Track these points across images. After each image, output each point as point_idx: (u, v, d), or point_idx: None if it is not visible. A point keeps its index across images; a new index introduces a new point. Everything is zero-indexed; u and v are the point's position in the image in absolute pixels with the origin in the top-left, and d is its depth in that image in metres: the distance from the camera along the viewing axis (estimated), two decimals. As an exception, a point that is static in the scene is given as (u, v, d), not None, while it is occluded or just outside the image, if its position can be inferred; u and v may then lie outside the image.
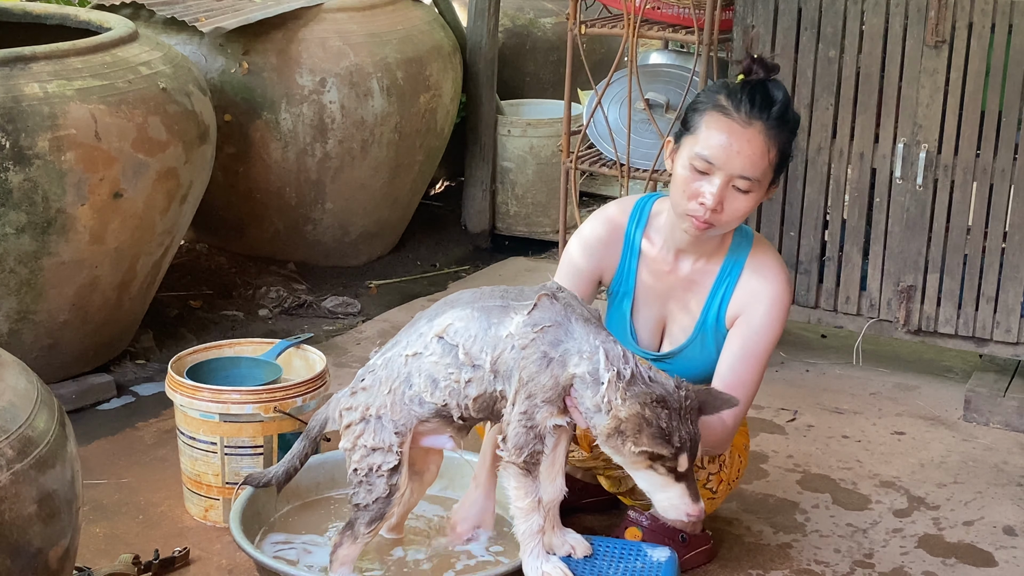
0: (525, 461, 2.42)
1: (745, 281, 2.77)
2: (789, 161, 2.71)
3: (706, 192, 2.61)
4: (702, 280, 2.80)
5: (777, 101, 2.62)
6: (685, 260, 2.81)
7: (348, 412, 2.53)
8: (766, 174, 2.63)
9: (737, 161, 2.59)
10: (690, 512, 2.42)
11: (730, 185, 2.61)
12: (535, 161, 5.16)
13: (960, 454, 3.56)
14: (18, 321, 3.48)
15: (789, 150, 2.68)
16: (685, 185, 2.63)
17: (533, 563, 2.47)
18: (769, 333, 2.76)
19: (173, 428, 3.16)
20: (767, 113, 2.60)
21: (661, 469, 2.37)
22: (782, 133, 2.63)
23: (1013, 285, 3.70)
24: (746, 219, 2.73)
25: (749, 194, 2.62)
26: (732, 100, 2.61)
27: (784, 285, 2.77)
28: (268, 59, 4.42)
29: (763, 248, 2.81)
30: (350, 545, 2.53)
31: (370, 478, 2.49)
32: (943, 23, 3.62)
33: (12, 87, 3.32)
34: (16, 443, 2.00)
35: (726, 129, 2.60)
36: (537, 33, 5.80)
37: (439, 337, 2.46)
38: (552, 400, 2.39)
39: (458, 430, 2.56)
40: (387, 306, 4.56)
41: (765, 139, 2.60)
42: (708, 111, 2.63)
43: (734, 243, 2.80)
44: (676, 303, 2.84)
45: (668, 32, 4.06)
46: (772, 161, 2.63)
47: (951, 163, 3.70)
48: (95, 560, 2.84)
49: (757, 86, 2.63)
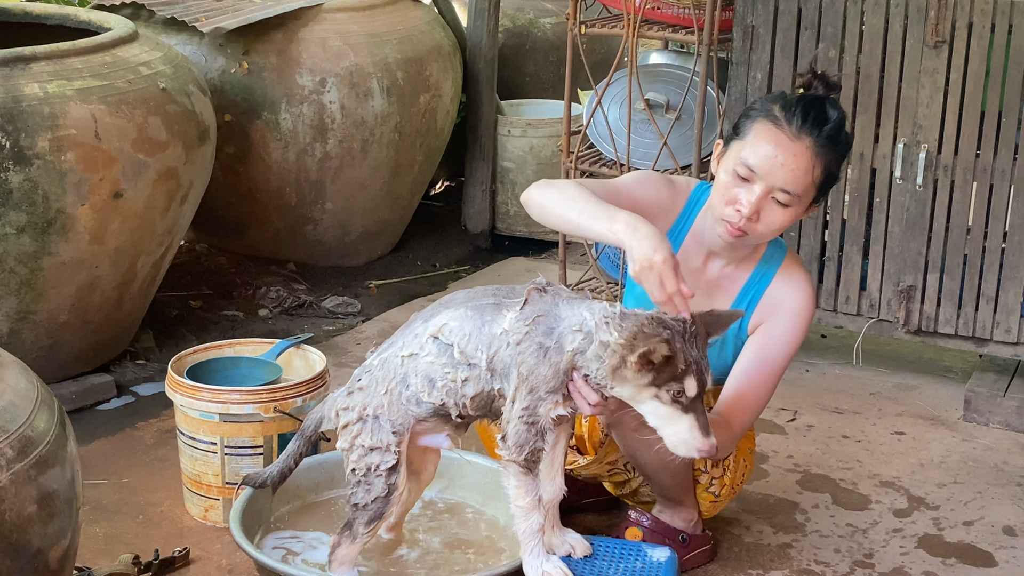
0: (526, 459, 2.41)
1: (772, 292, 2.75)
2: (835, 183, 2.67)
3: (744, 200, 2.58)
4: (728, 286, 2.78)
5: (831, 120, 2.58)
6: (715, 262, 2.79)
7: (345, 412, 2.53)
8: (808, 191, 2.60)
9: (780, 173, 2.56)
10: (700, 447, 2.32)
11: (770, 196, 2.58)
12: (535, 161, 5.16)
13: (960, 454, 3.56)
14: (18, 321, 3.48)
15: (837, 171, 2.64)
16: (725, 190, 2.61)
17: (533, 562, 2.47)
18: (788, 344, 2.73)
19: (173, 428, 3.16)
20: (819, 130, 2.57)
21: (665, 397, 2.30)
22: (831, 153, 2.59)
23: (1013, 285, 3.70)
24: (782, 233, 2.70)
25: (788, 208, 2.59)
26: (786, 112, 2.58)
27: (809, 300, 2.75)
28: (268, 59, 4.42)
29: (794, 262, 2.79)
30: (349, 545, 2.53)
31: (368, 478, 2.49)
32: (943, 23, 3.62)
33: (12, 87, 3.32)
34: (16, 443, 2.00)
35: (774, 140, 2.57)
36: (537, 33, 5.80)
37: (434, 337, 2.46)
38: (555, 389, 2.37)
39: (456, 428, 2.55)
40: (387, 306, 4.56)
41: (812, 156, 2.56)
42: (760, 119, 2.60)
43: (767, 254, 2.77)
44: (699, 304, 2.81)
45: (668, 32, 4.06)
46: (816, 179, 2.59)
47: (951, 163, 3.70)
48: (95, 560, 2.83)
49: (814, 102, 2.59)
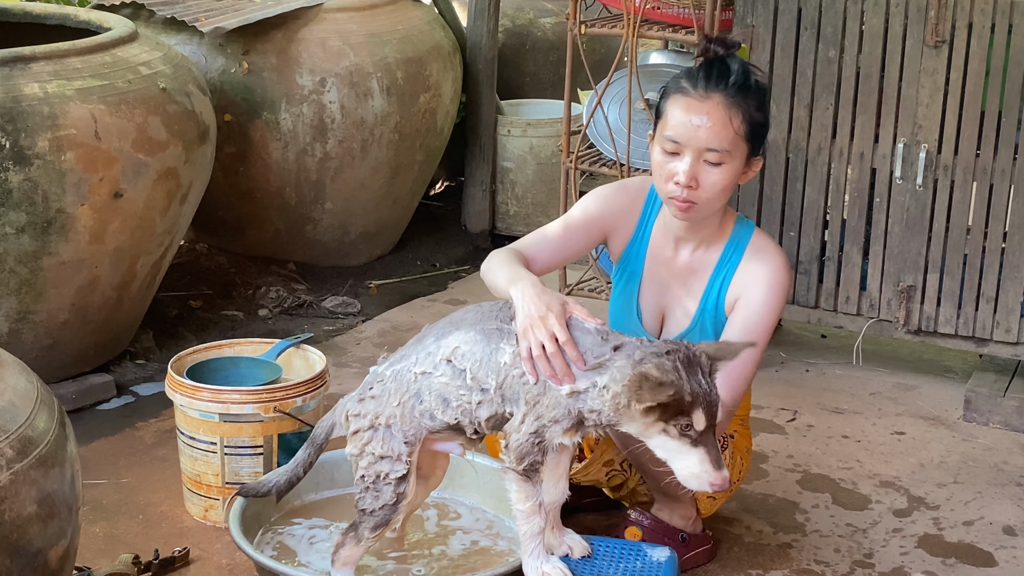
0: (525, 469, 2.42)
1: (744, 266, 2.76)
2: (765, 131, 2.70)
3: (679, 171, 2.62)
4: (701, 269, 2.80)
5: (733, 71, 2.63)
6: (684, 249, 2.81)
7: (356, 419, 2.53)
8: (736, 144, 2.62)
9: (701, 135, 2.60)
10: (713, 481, 2.28)
11: (701, 160, 2.62)
12: (535, 161, 5.16)
13: (960, 454, 3.56)
14: (18, 321, 3.48)
15: (761, 119, 2.67)
16: (661, 169, 2.66)
17: (533, 563, 2.47)
18: (768, 314, 2.73)
19: (173, 428, 3.16)
20: (724, 83, 2.61)
21: (673, 431, 2.27)
22: (744, 102, 2.62)
23: (1013, 285, 3.70)
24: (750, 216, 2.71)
25: (722, 166, 2.62)
26: (690, 80, 2.64)
27: (783, 269, 2.75)
28: (268, 59, 4.42)
29: (762, 237, 2.81)
30: (353, 547, 2.53)
31: (377, 485, 2.48)
32: (943, 23, 3.62)
33: (12, 87, 3.32)
34: (16, 443, 2.00)
35: (686, 106, 2.62)
36: (537, 33, 5.79)
37: (448, 360, 2.46)
38: (560, 419, 2.37)
39: (470, 441, 2.56)
40: (387, 306, 4.56)
41: (725, 109, 2.61)
42: (671, 95, 2.66)
43: (734, 232, 2.79)
44: (676, 291, 2.83)
45: (668, 32, 4.06)
46: (739, 130, 2.62)
47: (951, 163, 3.70)
48: (95, 560, 2.83)
49: (714, 61, 2.64)
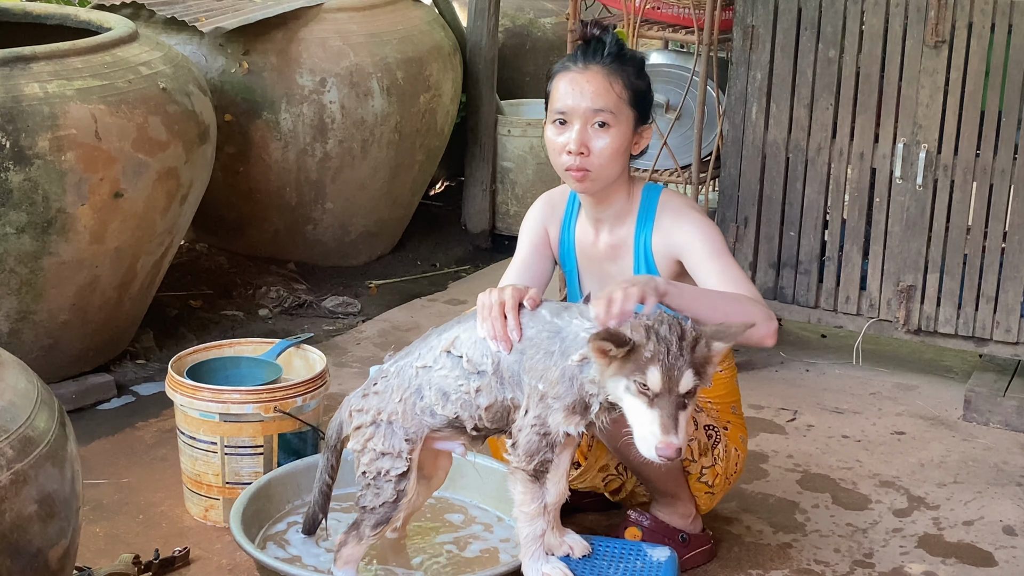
0: (535, 468, 2.42)
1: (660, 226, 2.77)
2: (649, 99, 2.78)
3: (570, 139, 2.69)
4: (622, 242, 2.83)
5: (608, 43, 2.72)
6: (603, 231, 2.85)
7: (359, 414, 2.54)
8: (620, 107, 2.69)
9: (583, 101, 2.68)
10: (659, 445, 2.25)
11: (588, 127, 2.69)
12: (535, 161, 5.16)
13: (960, 454, 3.56)
14: (18, 321, 3.48)
15: (643, 87, 2.75)
16: (553, 144, 2.73)
17: (533, 565, 2.48)
18: (715, 238, 2.73)
19: (173, 428, 3.16)
20: (600, 55, 2.71)
21: (632, 388, 2.27)
22: (623, 69, 2.71)
23: (1013, 285, 3.70)
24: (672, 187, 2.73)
25: (610, 129, 2.69)
26: (570, 59, 2.76)
27: (697, 209, 2.80)
28: (268, 59, 4.42)
29: (670, 195, 2.83)
30: (355, 545, 2.54)
31: (378, 482, 2.49)
32: (943, 23, 3.62)
33: (12, 87, 3.32)
34: (16, 443, 2.00)
35: (568, 80, 2.71)
36: (537, 33, 5.80)
37: (447, 351, 2.48)
38: (562, 396, 2.37)
39: (472, 440, 2.56)
40: (387, 306, 4.56)
41: (605, 76, 2.70)
42: (554, 77, 2.76)
43: (643, 199, 2.81)
44: (610, 272, 2.85)
45: (668, 32, 4.06)
46: (620, 94, 2.70)
47: (951, 163, 3.70)
48: (95, 560, 2.83)
49: (590, 40, 2.74)
